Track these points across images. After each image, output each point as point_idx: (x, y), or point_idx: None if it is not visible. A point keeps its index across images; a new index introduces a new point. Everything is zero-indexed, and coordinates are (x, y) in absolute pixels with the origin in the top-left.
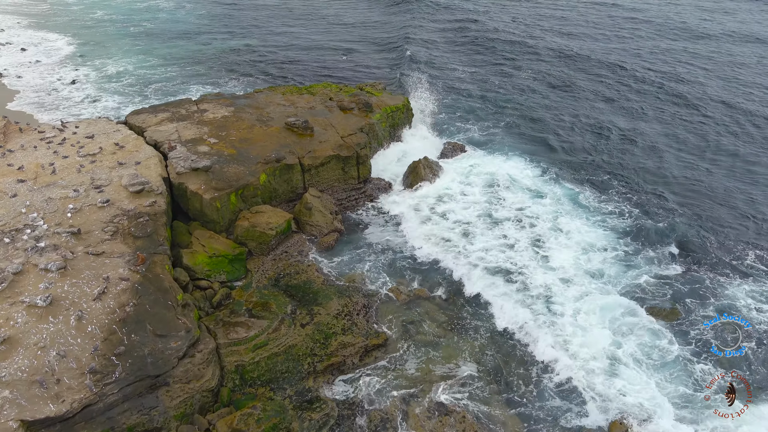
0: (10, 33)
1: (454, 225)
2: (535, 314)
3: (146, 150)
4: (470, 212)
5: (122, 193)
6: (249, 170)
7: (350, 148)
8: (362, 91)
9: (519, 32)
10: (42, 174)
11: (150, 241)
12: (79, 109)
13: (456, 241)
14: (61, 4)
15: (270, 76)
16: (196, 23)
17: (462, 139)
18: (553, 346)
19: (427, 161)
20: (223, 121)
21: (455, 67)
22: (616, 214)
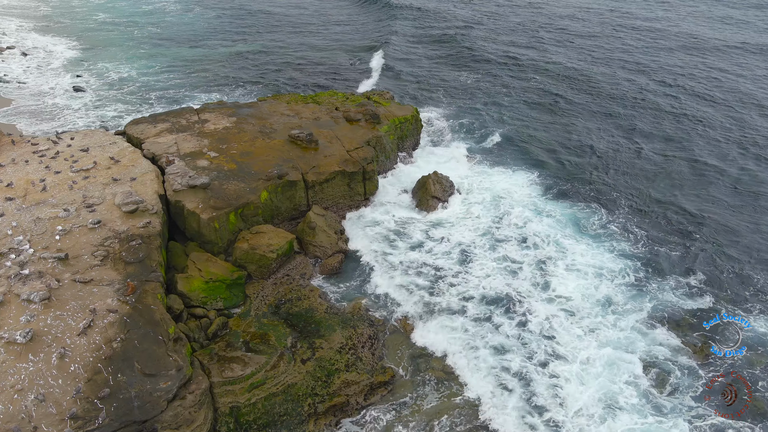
0: (12, 36)
1: (454, 247)
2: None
3: (143, 164)
4: (472, 233)
5: (115, 213)
6: (250, 187)
7: (356, 163)
8: (369, 101)
9: (522, 42)
10: (32, 191)
11: (142, 267)
12: (78, 118)
13: (455, 266)
14: (64, 7)
15: (276, 83)
16: (203, 27)
17: (468, 150)
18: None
19: (437, 176)
20: (225, 133)
21: (457, 78)
22: (625, 237)
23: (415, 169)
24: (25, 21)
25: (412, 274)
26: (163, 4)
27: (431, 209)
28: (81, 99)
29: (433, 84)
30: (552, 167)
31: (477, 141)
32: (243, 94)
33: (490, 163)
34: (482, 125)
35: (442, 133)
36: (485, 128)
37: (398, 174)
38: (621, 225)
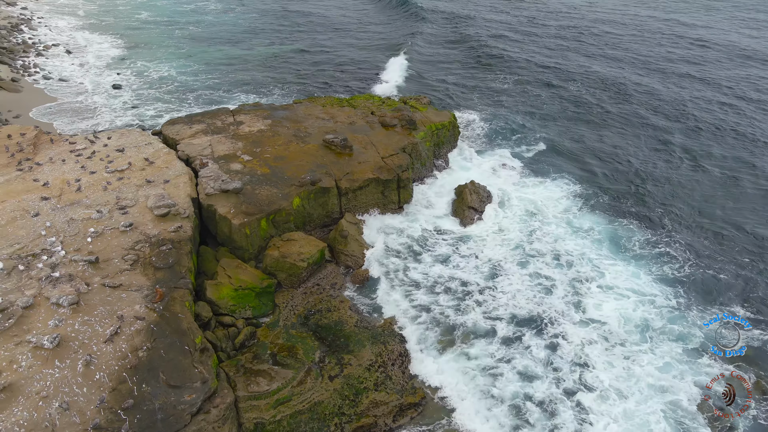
0: (59, 34)
1: (485, 261)
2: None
3: (177, 166)
4: (505, 247)
5: (147, 216)
6: (282, 193)
7: (391, 171)
8: (406, 106)
9: (559, 48)
10: (67, 191)
11: (171, 273)
12: (116, 117)
13: (484, 281)
14: (109, 5)
15: (312, 84)
16: (242, 27)
17: (505, 158)
18: None
19: (474, 186)
20: (259, 136)
21: (492, 83)
22: (668, 258)
23: (451, 176)
24: (72, 19)
25: (440, 290)
26: (204, 3)
27: (467, 220)
28: (120, 97)
29: (468, 88)
30: (591, 179)
31: (514, 148)
32: (279, 96)
33: (527, 172)
34: (519, 132)
35: (479, 139)
36: (522, 136)
37: (434, 182)
38: (664, 245)
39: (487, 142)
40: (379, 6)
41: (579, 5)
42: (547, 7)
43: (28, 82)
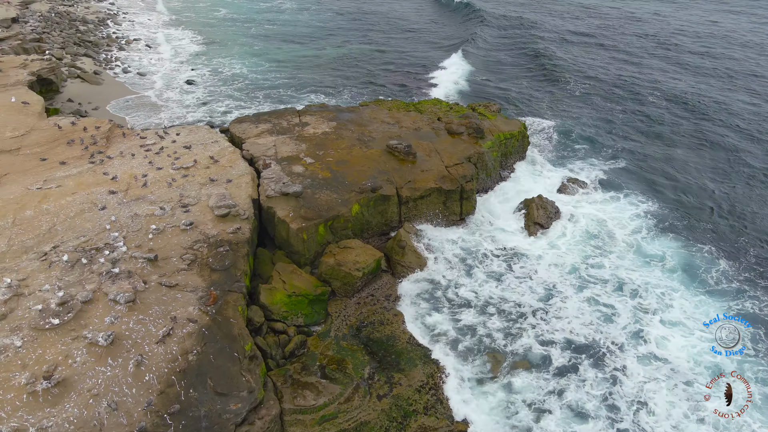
0: (141, 30)
1: (544, 282)
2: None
3: (240, 166)
4: (566, 268)
5: (207, 215)
6: (342, 198)
7: (455, 181)
8: (474, 113)
9: (635, 59)
10: (134, 186)
11: (226, 276)
12: (188, 112)
13: (540, 303)
14: (190, 2)
15: (381, 86)
16: (316, 27)
17: (574, 172)
18: None
19: (542, 201)
20: (323, 138)
21: (560, 91)
22: (750, 295)
23: (517, 188)
24: (154, 15)
25: (492, 311)
26: (279, 1)
27: (532, 236)
28: (193, 93)
29: (536, 95)
30: (665, 198)
31: (584, 161)
32: (348, 97)
33: (597, 187)
34: (590, 144)
35: (547, 149)
36: (593, 148)
37: (499, 193)
38: (745, 279)
39: (556, 153)
40: (448, 9)
41: (659, 13)
42: (621, 13)
43: (109, 75)
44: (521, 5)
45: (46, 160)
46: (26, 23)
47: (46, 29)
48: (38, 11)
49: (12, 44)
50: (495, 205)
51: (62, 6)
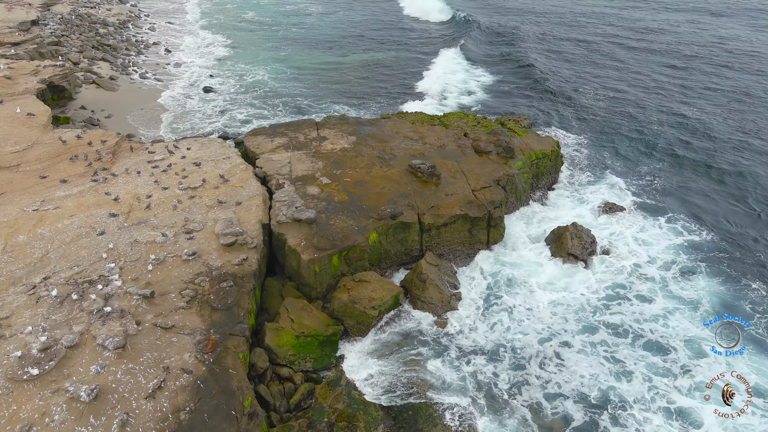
0: (162, 34)
1: (573, 324)
2: None
3: (252, 186)
4: (603, 311)
5: (212, 244)
6: (359, 225)
7: (482, 207)
8: (503, 128)
9: (686, 66)
10: (136, 208)
11: (228, 316)
12: (203, 120)
13: (560, 350)
14: (219, 3)
15: (402, 94)
16: (341, 31)
17: (612, 193)
18: None
19: (576, 229)
20: (341, 156)
21: (592, 101)
22: None
23: (549, 213)
24: (177, 18)
25: (504, 356)
26: (305, 4)
27: (565, 267)
28: (211, 101)
29: (570, 108)
30: (709, 227)
31: (619, 182)
32: (371, 105)
33: (635, 212)
34: (628, 164)
35: (582, 169)
36: (628, 167)
37: (529, 218)
38: None
39: (591, 173)
40: (475, 25)
41: (696, 22)
42: (660, 23)
43: (126, 81)
44: (547, 22)
45: (46, 177)
46: (46, 26)
47: (66, 32)
48: (59, 13)
49: (28, 48)
50: (525, 233)
51: (84, 8)
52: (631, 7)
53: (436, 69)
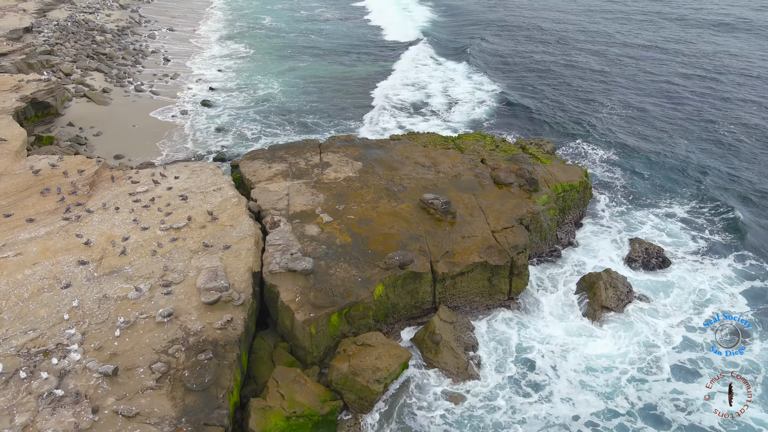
0: (162, 41)
1: (604, 405)
2: None
3: (243, 225)
4: (639, 385)
5: (192, 301)
6: (362, 276)
7: (503, 253)
8: (525, 155)
9: (739, 72)
10: (110, 253)
11: (205, 400)
12: (197, 140)
13: None
14: (238, 10)
15: (415, 114)
16: (357, 39)
17: (653, 229)
18: None
19: (610, 276)
20: (345, 187)
21: (632, 116)
22: None
23: (578, 256)
24: (181, 24)
25: None
26: (320, 11)
27: (598, 325)
28: (209, 117)
29: (597, 124)
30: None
31: (664, 214)
32: (377, 125)
33: (683, 252)
34: (666, 186)
35: (612, 195)
36: (671, 192)
37: (555, 262)
38: None
39: (624, 200)
40: (491, 22)
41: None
42: (681, 34)
43: (120, 94)
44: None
45: (10, 216)
46: (40, 33)
47: (60, 40)
48: (55, 20)
49: (15, 59)
50: (551, 280)
51: (82, 14)
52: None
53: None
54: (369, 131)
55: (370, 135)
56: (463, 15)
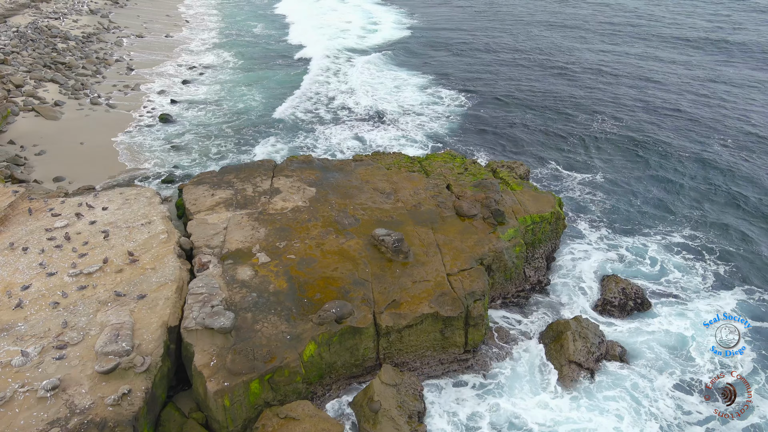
0: (129, 49)
1: None
2: None
3: (167, 267)
4: None
5: (88, 367)
6: (292, 333)
7: (457, 302)
8: (494, 181)
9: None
10: (4, 305)
11: None
12: (153, 158)
13: None
14: (215, 16)
15: (380, 127)
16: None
17: (636, 262)
18: None
19: (580, 325)
20: (291, 219)
21: (593, 123)
22: None
23: (547, 298)
24: (155, 28)
25: None
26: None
27: (568, 383)
28: (167, 133)
29: (562, 140)
30: None
31: (646, 243)
32: (331, 140)
33: (669, 293)
34: (650, 212)
35: (588, 222)
36: (655, 218)
37: (521, 306)
38: None
39: (604, 232)
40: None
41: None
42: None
43: (73, 107)
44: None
45: None
46: None
47: (17, 47)
48: (16, 26)
49: None
50: (515, 327)
51: (46, 20)
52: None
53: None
54: (325, 148)
55: (337, 148)
56: (434, 29)
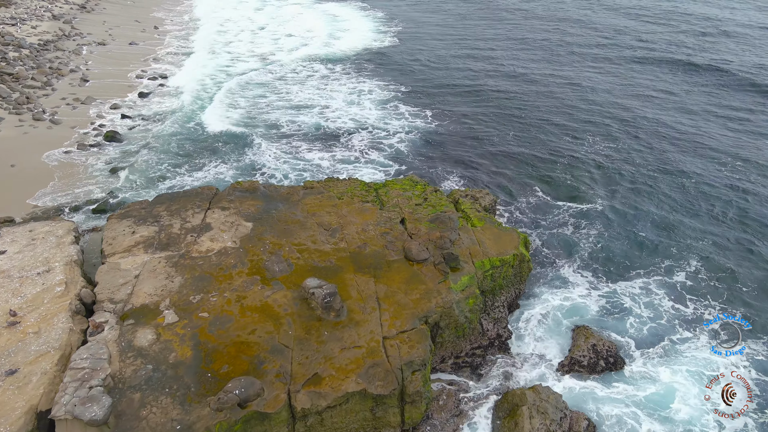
0: (88, 58)
1: None
2: None
3: (53, 330)
4: None
5: None
6: (184, 422)
7: (390, 376)
8: (452, 214)
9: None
10: None
11: None
12: (87, 185)
13: None
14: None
15: (340, 148)
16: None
17: (606, 318)
18: None
19: (538, 396)
20: (215, 265)
21: (586, 149)
22: None
23: (505, 358)
24: (121, 34)
25: None
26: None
27: None
28: (110, 154)
29: (537, 163)
30: None
31: (616, 290)
32: (295, 166)
33: (638, 342)
34: (621, 251)
35: (557, 267)
36: (629, 259)
37: (477, 365)
38: None
39: (574, 275)
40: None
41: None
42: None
43: (12, 123)
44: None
45: None
46: None
47: None
48: None
49: None
50: (463, 396)
51: (2, 26)
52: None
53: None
54: (277, 169)
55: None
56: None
